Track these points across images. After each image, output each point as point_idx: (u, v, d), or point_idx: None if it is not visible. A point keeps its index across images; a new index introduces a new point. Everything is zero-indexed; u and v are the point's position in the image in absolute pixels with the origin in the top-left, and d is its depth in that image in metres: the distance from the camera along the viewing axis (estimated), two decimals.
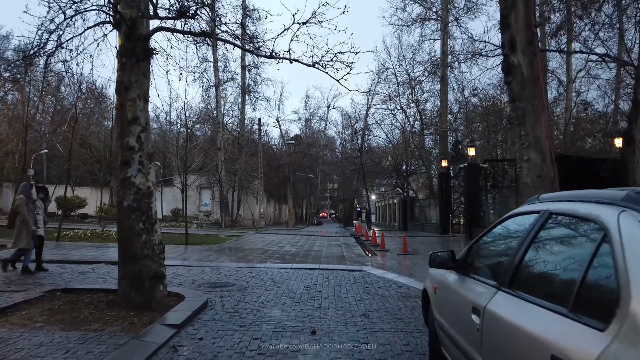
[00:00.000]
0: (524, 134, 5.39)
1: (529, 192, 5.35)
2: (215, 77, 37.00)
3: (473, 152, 19.81)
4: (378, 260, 12.21)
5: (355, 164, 44.12)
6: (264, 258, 12.09)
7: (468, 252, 3.52)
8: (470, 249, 3.53)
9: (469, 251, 3.52)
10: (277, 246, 15.80)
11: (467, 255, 3.51)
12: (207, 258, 11.67)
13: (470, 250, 3.53)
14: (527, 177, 5.41)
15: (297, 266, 10.69)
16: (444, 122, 32.06)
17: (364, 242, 18.71)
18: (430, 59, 33.44)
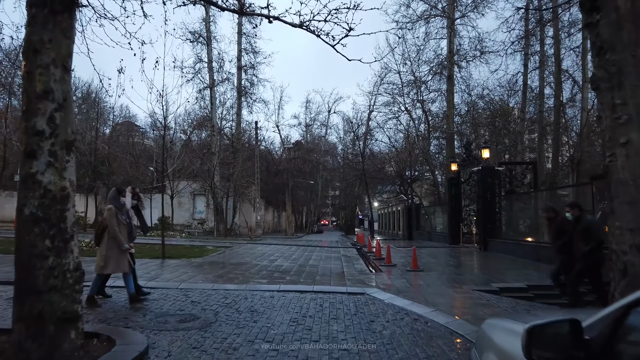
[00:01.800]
0: (620, 103, 3.45)
1: (627, 193, 3.41)
2: (210, 78, 35.29)
3: (487, 154, 17.88)
4: (384, 279, 10.24)
5: (356, 170, 42.21)
6: (248, 276, 10.13)
7: (615, 327, 1.58)
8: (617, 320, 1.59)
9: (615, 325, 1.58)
10: (268, 260, 13.84)
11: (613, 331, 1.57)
12: (179, 277, 9.72)
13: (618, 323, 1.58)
14: (623, 171, 3.46)
15: (286, 288, 8.73)
16: (450, 124, 30.15)
17: (367, 254, 16.74)
18: (436, 57, 31.58)
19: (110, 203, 7.22)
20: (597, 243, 6.99)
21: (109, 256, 6.96)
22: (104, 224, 7.12)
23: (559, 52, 28.58)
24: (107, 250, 6.98)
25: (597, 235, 7.00)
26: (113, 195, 7.34)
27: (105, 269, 7.00)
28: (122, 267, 7.08)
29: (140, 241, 19.51)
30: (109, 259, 6.97)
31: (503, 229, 17.33)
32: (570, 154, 28.30)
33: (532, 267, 12.42)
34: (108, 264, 6.99)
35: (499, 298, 8.37)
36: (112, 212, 7.06)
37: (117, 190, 7.41)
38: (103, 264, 6.94)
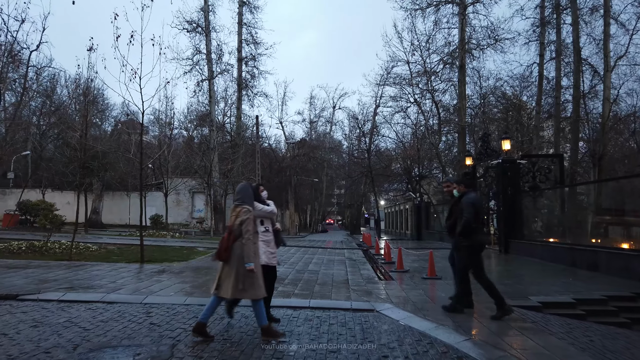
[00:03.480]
0: None
1: None
2: (209, 70, 33.65)
3: (508, 146, 16.07)
4: (396, 290, 8.52)
5: (362, 166, 40.44)
6: None
7: None
8: None
9: None
10: None
11: None
12: (149, 287, 8.04)
13: None
14: None
15: (276, 303, 7.00)
16: (462, 116, 28.30)
17: (374, 256, 15.02)
18: (447, 45, 29.69)
19: (244, 201, 5.26)
20: (464, 224, 6.16)
21: (249, 275, 5.01)
22: (238, 232, 5.14)
23: (578, 39, 26.68)
24: (242, 266, 5.02)
25: (467, 216, 6.14)
26: (247, 191, 5.36)
27: (245, 292, 5.03)
28: (261, 291, 5.16)
29: (125, 242, 17.94)
30: (252, 280, 5.03)
31: (527, 228, 15.52)
32: (591, 148, 26.42)
33: (569, 274, 10.64)
34: (251, 287, 5.03)
35: (544, 317, 6.63)
36: (250, 214, 5.14)
37: (250, 185, 5.50)
38: (242, 286, 4.96)
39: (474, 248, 6.32)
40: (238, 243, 5.07)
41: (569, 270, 11.18)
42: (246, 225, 5.06)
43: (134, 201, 34.53)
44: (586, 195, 13.50)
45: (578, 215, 13.51)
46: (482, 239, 6.45)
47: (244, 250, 5.01)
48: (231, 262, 5.09)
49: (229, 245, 5.10)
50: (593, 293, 8.06)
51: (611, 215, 12.35)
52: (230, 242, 5.10)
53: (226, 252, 5.10)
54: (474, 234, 6.23)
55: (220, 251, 5.15)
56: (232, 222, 5.22)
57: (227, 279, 5.07)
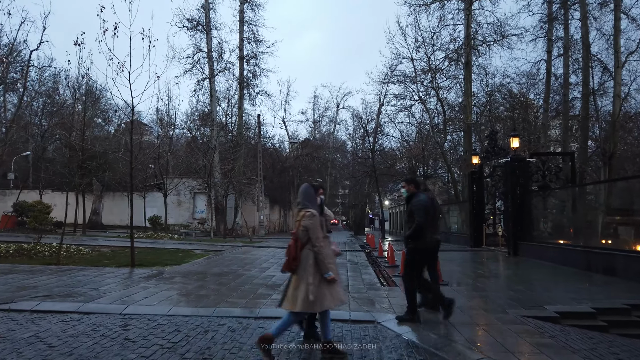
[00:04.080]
0: None
1: None
2: (209, 69, 33.16)
3: (517, 143, 15.40)
4: (399, 297, 7.90)
5: (366, 166, 39.79)
6: (223, 294, 7.86)
7: None
8: None
9: None
10: (259, 268, 11.56)
11: None
12: (132, 295, 7.47)
13: None
14: None
15: (267, 313, 6.44)
16: (468, 114, 27.60)
17: (378, 259, 14.40)
18: (452, 41, 29.00)
19: (306, 204, 4.76)
20: (416, 228, 5.96)
21: (321, 285, 4.52)
22: (304, 238, 4.63)
23: (588, 35, 25.93)
24: (314, 276, 4.53)
25: (420, 220, 5.94)
26: (309, 193, 4.87)
27: (315, 304, 4.48)
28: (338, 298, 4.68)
29: (120, 244, 17.41)
30: (322, 289, 4.52)
31: (537, 230, 14.86)
32: (601, 146, 25.66)
33: (584, 279, 9.99)
34: (323, 297, 4.50)
35: (563, 330, 6.00)
36: (315, 219, 4.63)
37: (311, 187, 5.00)
38: (313, 297, 4.45)
39: (418, 251, 6.16)
40: (306, 251, 4.57)
41: (584, 275, 10.53)
42: (313, 232, 4.55)
43: (135, 202, 34.03)
44: (600, 195, 12.80)
45: (592, 216, 12.85)
46: (428, 242, 6.18)
47: (318, 258, 4.50)
48: (299, 271, 4.56)
49: (297, 254, 4.59)
50: (614, 301, 7.43)
51: (627, 215, 11.67)
52: (298, 250, 4.61)
53: (295, 262, 4.59)
54: (422, 237, 6.06)
55: (289, 261, 4.63)
56: (297, 228, 4.73)
57: (296, 290, 4.55)
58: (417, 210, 6.00)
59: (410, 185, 6.38)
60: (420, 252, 6.18)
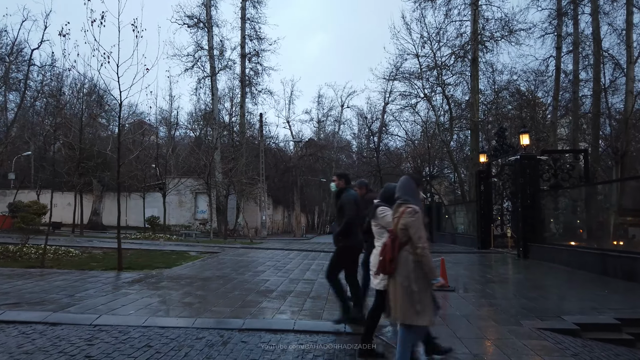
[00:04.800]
0: None
1: None
2: (211, 66, 32.64)
3: (527, 140, 14.68)
4: None
5: (371, 165, 39.11)
6: (209, 302, 7.24)
7: None
8: None
9: None
10: (253, 271, 10.93)
11: None
12: (110, 302, 6.87)
13: None
14: None
15: (253, 325, 5.80)
16: (475, 112, 26.84)
17: None
18: (459, 36, 28.25)
19: (408, 199, 4.08)
20: (346, 223, 5.61)
21: (427, 293, 3.89)
22: (403, 239, 3.96)
23: (599, 29, 25.13)
24: (417, 282, 3.84)
25: (350, 215, 5.60)
26: (410, 186, 4.22)
27: (423, 316, 3.81)
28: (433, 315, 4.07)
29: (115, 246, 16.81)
30: (428, 298, 3.88)
31: (548, 231, 14.13)
32: (612, 144, 24.81)
33: (602, 285, 9.27)
34: (427, 308, 3.85)
35: (585, 345, 5.31)
36: (418, 216, 3.96)
37: (412, 179, 4.38)
38: (420, 307, 3.79)
39: (349, 249, 5.79)
40: (405, 253, 3.92)
41: (601, 280, 9.80)
42: (415, 230, 3.89)
43: (135, 202, 33.57)
44: (616, 195, 12.06)
45: (608, 216, 12.10)
46: (360, 241, 5.76)
47: (423, 261, 3.84)
48: (397, 276, 3.92)
49: (394, 255, 3.95)
50: (638, 311, 6.72)
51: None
52: (395, 251, 3.96)
53: (392, 264, 3.95)
54: (353, 234, 5.68)
55: (385, 262, 4.00)
56: (395, 226, 4.08)
57: (394, 297, 3.95)
58: (347, 205, 5.68)
59: (340, 180, 6.04)
60: (352, 251, 5.81)
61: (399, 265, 3.91)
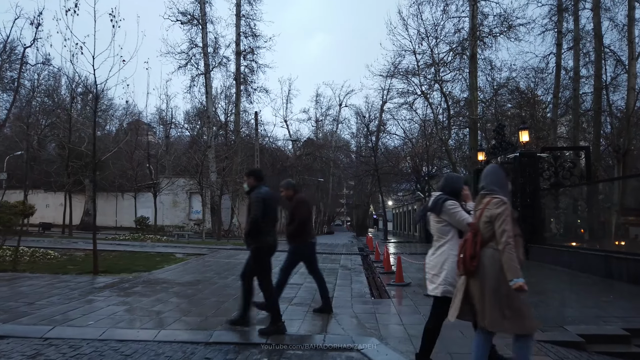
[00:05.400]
0: None
1: None
2: (205, 64, 32.05)
3: (527, 137, 14.11)
4: (389, 315, 6.69)
5: (368, 165, 38.53)
6: (181, 310, 6.69)
7: None
8: None
9: None
10: (236, 276, 10.26)
11: None
12: (70, 311, 6.31)
13: None
14: None
15: (221, 338, 5.24)
16: (474, 109, 26.25)
17: (373, 264, 13.16)
18: (457, 31, 27.67)
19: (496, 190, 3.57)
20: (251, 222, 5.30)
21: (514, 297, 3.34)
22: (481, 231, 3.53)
23: (600, 25, 24.54)
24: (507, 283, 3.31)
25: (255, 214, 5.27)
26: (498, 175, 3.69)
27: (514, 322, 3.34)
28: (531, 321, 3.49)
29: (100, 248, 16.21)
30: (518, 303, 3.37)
31: (549, 231, 13.56)
32: (614, 142, 24.23)
33: (607, 289, 8.69)
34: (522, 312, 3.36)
35: (591, 358, 4.74)
36: (507, 208, 3.45)
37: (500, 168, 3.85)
38: (509, 312, 3.33)
39: (262, 250, 5.48)
40: (490, 250, 3.43)
41: (605, 283, 9.23)
42: (502, 224, 3.36)
43: (129, 203, 33.01)
44: (618, 194, 11.50)
45: (611, 216, 11.53)
46: (271, 240, 5.54)
47: (505, 258, 3.32)
48: (480, 275, 3.44)
49: (476, 252, 3.48)
50: None
51: None
52: (478, 247, 3.49)
53: (473, 261, 3.47)
54: (263, 234, 5.38)
55: (465, 260, 3.50)
56: (478, 219, 3.58)
57: (479, 301, 3.43)
58: (255, 204, 5.34)
59: (250, 178, 5.66)
60: (266, 252, 5.51)
61: (483, 264, 3.42)
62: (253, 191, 5.50)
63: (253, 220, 5.28)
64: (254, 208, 5.34)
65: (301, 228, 6.37)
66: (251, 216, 5.31)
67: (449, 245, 4.02)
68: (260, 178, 5.66)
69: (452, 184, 4.21)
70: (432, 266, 4.08)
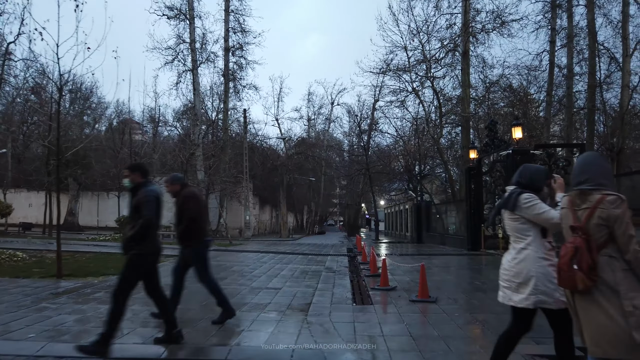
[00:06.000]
0: None
1: None
2: (192, 60, 31.36)
3: (520, 134, 13.60)
4: (370, 323, 6.09)
5: (360, 164, 38.01)
6: (137, 320, 6.07)
7: None
8: None
9: None
10: None
11: None
12: (15, 320, 5.68)
13: None
14: None
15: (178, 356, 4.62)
16: (466, 106, 25.78)
17: (360, 266, 12.58)
18: (449, 27, 27.18)
19: (605, 184, 2.87)
20: (143, 225, 4.49)
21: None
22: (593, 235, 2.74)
23: (594, 21, 24.16)
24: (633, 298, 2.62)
25: (148, 215, 4.51)
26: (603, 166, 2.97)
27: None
28: None
29: (76, 249, 15.56)
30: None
31: None
32: (608, 140, 23.87)
33: None
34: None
35: None
36: (625, 208, 2.77)
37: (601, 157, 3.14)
38: None
39: (144, 257, 4.69)
40: (604, 258, 2.69)
41: None
42: (626, 228, 2.67)
43: (113, 202, 32.23)
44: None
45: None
46: (156, 246, 4.78)
47: (636, 270, 2.63)
48: (597, 292, 2.69)
49: (594, 261, 2.68)
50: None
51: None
52: (594, 255, 2.69)
53: (593, 273, 2.66)
54: (150, 239, 4.63)
55: (584, 271, 2.69)
56: (585, 221, 2.81)
57: (596, 323, 2.73)
58: (146, 203, 4.56)
59: (134, 173, 4.82)
60: (147, 260, 4.73)
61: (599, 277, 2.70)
62: (139, 189, 4.74)
63: (146, 221, 4.54)
64: (146, 208, 4.57)
65: (194, 227, 5.68)
66: (143, 218, 4.54)
67: (532, 247, 3.34)
68: (146, 174, 4.92)
69: (530, 176, 3.48)
70: (516, 273, 3.40)
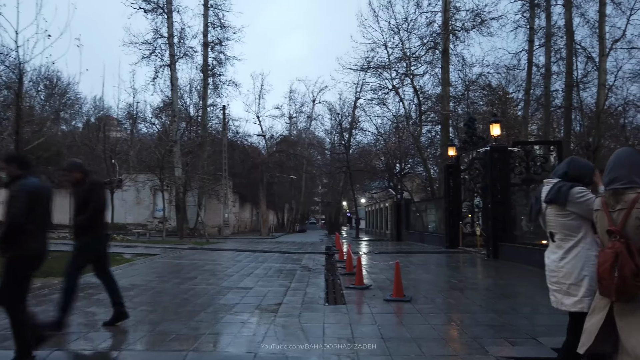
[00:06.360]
0: None
1: None
2: (170, 55, 30.69)
3: (498, 131, 13.52)
4: (341, 324, 5.82)
5: (341, 162, 37.81)
6: (92, 325, 5.69)
7: None
8: None
9: None
10: (180, 279, 9.35)
11: None
12: None
13: None
14: None
15: None
16: (446, 104, 25.77)
17: (337, 264, 12.33)
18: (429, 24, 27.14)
19: (636, 181, 2.73)
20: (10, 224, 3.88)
21: None
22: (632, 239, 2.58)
23: (571, 21, 24.37)
24: None
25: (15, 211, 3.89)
26: (636, 162, 2.77)
27: None
28: None
29: None
30: None
31: (520, 229, 12.99)
32: (584, 139, 24.12)
33: None
34: None
35: None
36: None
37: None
38: None
39: (24, 259, 4.02)
40: None
41: None
42: None
43: None
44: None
45: None
46: (37, 247, 4.10)
47: None
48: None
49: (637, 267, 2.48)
50: None
51: None
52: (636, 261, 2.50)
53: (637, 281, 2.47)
54: (28, 239, 3.98)
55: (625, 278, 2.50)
56: (622, 223, 2.60)
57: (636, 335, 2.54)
58: (18, 198, 3.94)
59: (11, 165, 4.17)
60: (27, 261, 4.07)
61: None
62: (16, 181, 4.10)
63: (13, 220, 3.92)
64: (13, 204, 3.96)
65: (98, 218, 5.28)
66: (11, 214, 3.94)
67: (583, 244, 3.05)
68: (25, 165, 4.24)
69: (580, 170, 3.24)
70: (567, 274, 3.11)
